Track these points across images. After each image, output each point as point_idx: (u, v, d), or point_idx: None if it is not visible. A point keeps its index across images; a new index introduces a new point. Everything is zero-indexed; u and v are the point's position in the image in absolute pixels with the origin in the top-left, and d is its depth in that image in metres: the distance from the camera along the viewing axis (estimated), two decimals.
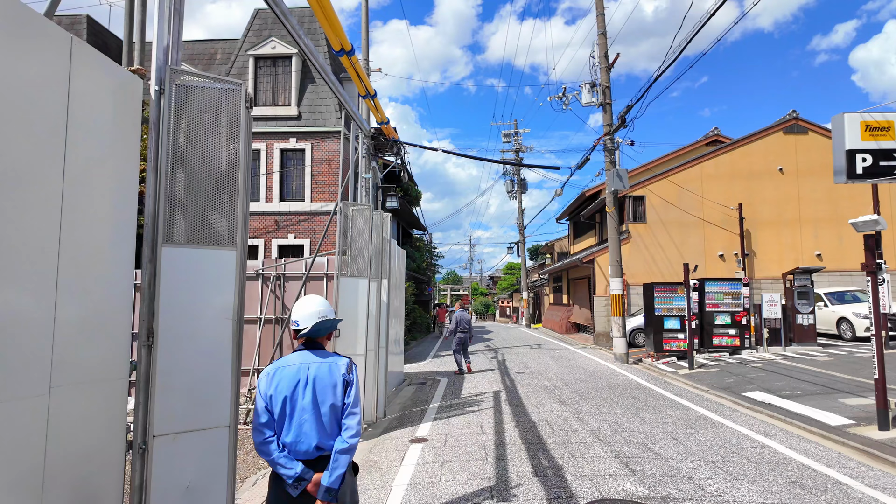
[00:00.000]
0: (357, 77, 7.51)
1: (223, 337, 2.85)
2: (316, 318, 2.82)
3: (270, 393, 2.65)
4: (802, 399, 7.91)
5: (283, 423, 2.63)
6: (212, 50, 19.16)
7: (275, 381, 2.68)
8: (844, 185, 18.39)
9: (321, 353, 2.79)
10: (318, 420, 2.64)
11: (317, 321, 2.80)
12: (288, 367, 2.72)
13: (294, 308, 2.91)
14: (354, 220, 6.85)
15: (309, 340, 2.81)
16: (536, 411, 7.61)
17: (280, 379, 2.68)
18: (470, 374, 12.08)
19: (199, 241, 2.84)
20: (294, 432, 2.62)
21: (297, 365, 2.73)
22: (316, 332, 2.81)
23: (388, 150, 14.39)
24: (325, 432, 2.65)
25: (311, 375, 2.69)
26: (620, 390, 9.36)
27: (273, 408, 2.64)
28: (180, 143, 2.85)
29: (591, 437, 6.09)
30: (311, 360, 2.74)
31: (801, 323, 13.08)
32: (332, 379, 2.70)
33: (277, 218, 15.56)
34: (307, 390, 2.67)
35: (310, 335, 2.79)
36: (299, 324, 2.82)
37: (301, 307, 2.86)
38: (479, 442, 6.04)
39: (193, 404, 2.73)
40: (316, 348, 2.82)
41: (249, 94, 3.11)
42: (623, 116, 12.55)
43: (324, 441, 2.64)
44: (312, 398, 2.66)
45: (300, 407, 2.64)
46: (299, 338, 2.83)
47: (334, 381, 2.70)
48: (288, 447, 2.62)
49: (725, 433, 6.27)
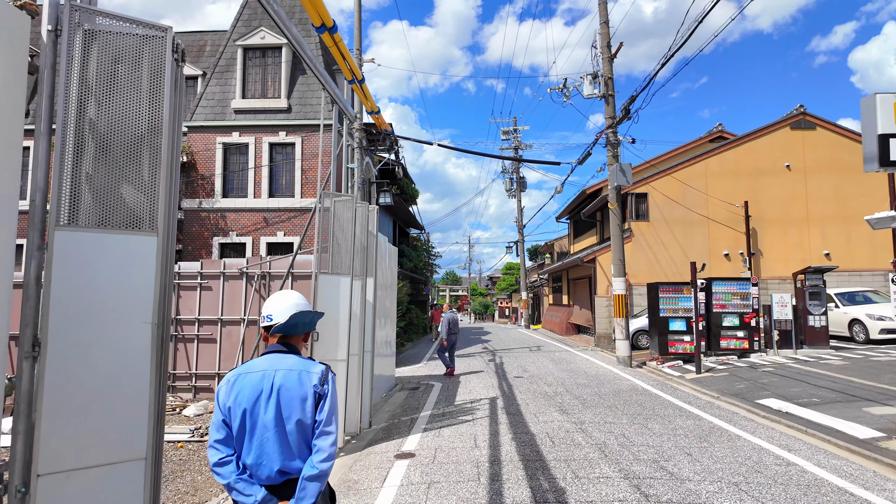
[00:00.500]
0: (341, 57, 6.91)
1: (139, 345, 2.26)
2: (293, 309, 2.33)
3: (229, 404, 2.16)
4: (822, 407, 7.32)
5: (242, 440, 2.15)
6: (201, 42, 18.57)
7: (235, 389, 2.18)
8: (853, 182, 17.96)
9: (293, 358, 2.28)
10: (283, 439, 2.15)
11: (294, 312, 2.30)
12: (251, 374, 2.21)
13: (267, 302, 2.41)
14: (336, 212, 6.26)
15: (282, 340, 2.32)
16: (535, 421, 7.00)
17: (241, 388, 2.18)
18: (453, 377, 11.58)
19: (108, 225, 2.24)
20: (255, 452, 2.14)
21: (262, 372, 2.21)
22: (292, 328, 2.32)
23: (380, 143, 13.81)
24: (290, 453, 2.15)
25: (276, 385, 2.18)
26: (625, 397, 8.76)
27: (232, 422, 2.16)
28: (85, 101, 2.25)
29: (596, 453, 5.49)
30: (278, 365, 2.23)
31: (813, 325, 12.49)
32: (302, 390, 2.19)
33: (266, 214, 14.95)
34: (270, 403, 2.16)
35: (284, 331, 2.31)
36: (273, 317, 2.33)
37: (276, 300, 2.39)
38: (471, 458, 5.43)
39: (96, 432, 2.13)
40: (289, 351, 2.31)
41: (180, 43, 2.51)
42: (627, 108, 11.96)
43: (288, 464, 2.15)
44: (276, 412, 2.15)
45: (261, 423, 2.14)
46: (272, 334, 2.33)
47: (304, 392, 2.19)
48: (249, 469, 2.14)
49: (744, 447, 5.67)
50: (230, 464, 2.13)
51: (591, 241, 23.54)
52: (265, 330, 2.38)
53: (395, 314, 11.17)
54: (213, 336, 10.63)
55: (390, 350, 10.57)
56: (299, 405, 2.18)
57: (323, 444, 2.17)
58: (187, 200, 15.23)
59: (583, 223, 24.53)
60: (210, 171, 15.18)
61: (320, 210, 6.16)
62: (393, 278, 10.88)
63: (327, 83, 5.85)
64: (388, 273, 10.10)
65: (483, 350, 17.71)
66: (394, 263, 10.84)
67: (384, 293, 9.61)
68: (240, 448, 2.16)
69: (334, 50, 6.74)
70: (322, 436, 2.18)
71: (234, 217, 14.99)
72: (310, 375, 2.24)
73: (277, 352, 2.31)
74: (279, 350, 2.31)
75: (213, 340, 10.63)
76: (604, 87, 13.41)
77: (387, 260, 9.73)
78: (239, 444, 2.16)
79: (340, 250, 6.15)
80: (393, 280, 10.89)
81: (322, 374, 2.27)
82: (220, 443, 2.15)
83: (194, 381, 10.56)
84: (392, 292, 10.73)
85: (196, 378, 10.57)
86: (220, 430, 2.16)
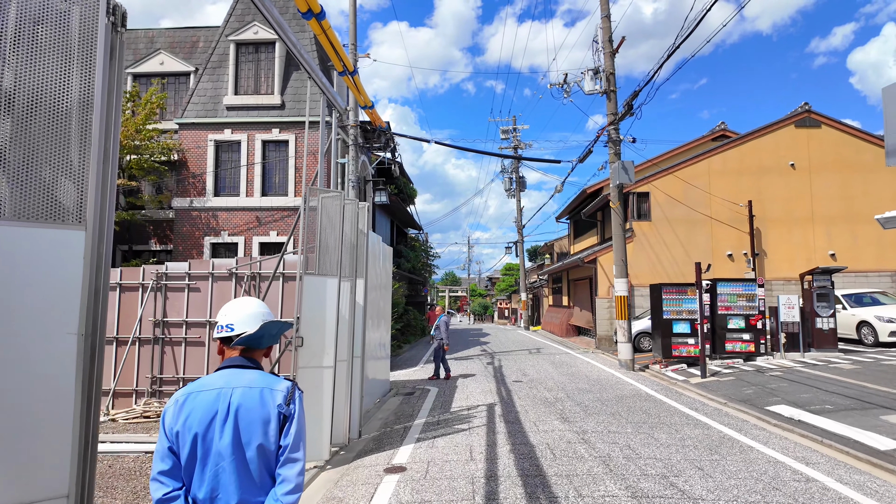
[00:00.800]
0: (330, 46, 6.54)
1: (62, 360, 1.89)
2: (260, 319, 2.00)
3: (177, 429, 1.82)
4: (836, 415, 6.96)
5: (193, 471, 1.81)
6: (194, 38, 18.19)
7: (184, 411, 1.84)
8: (859, 181, 17.59)
9: (254, 374, 1.94)
10: (242, 468, 1.81)
11: (262, 323, 1.98)
12: (204, 393, 1.87)
13: (224, 310, 2.06)
14: (324, 209, 5.89)
15: (243, 353, 1.99)
16: (535, 430, 6.63)
17: (192, 409, 1.84)
18: (450, 381, 11.24)
19: (26, 216, 1.87)
20: (208, 485, 1.80)
21: (217, 390, 1.87)
22: (257, 340, 1.99)
23: (376, 140, 13.43)
24: (250, 485, 1.82)
25: (233, 405, 1.84)
26: (629, 403, 8.39)
27: (180, 450, 1.82)
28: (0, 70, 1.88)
29: (599, 467, 5.12)
30: (236, 382, 1.89)
31: (821, 327, 12.12)
32: (264, 411, 1.86)
33: (259, 214, 14.57)
34: (227, 426, 1.82)
35: (249, 343, 1.97)
36: (234, 327, 1.99)
37: (236, 308, 2.04)
38: (466, 473, 5.06)
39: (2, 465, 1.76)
40: (249, 366, 1.96)
41: (119, 4, 2.14)
42: (630, 103, 11.59)
43: (249, 497, 1.82)
44: (234, 437, 1.82)
45: (216, 450, 1.81)
46: (233, 346, 1.99)
47: (266, 413, 1.87)
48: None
49: (758, 461, 5.30)
50: (178, 500, 1.78)
51: (592, 241, 23.18)
52: (221, 342, 2.02)
53: (389, 316, 10.80)
54: (201, 339, 10.26)
55: (384, 353, 10.19)
56: (261, 428, 1.85)
57: (288, 474, 1.84)
58: (178, 199, 14.85)
59: (583, 223, 24.17)
60: (201, 169, 14.80)
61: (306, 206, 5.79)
62: (388, 279, 10.51)
63: (312, 70, 5.48)
64: (382, 274, 9.73)
65: (481, 352, 17.33)
66: (388, 264, 10.47)
67: (378, 294, 9.24)
68: (189, 480, 1.81)
69: (322, 38, 6.37)
70: (287, 464, 1.85)
71: (226, 216, 14.62)
72: (273, 394, 1.90)
73: (236, 366, 1.96)
74: (238, 364, 1.96)
75: (201, 343, 10.26)
76: (605, 83, 13.04)
77: (380, 260, 9.36)
78: (188, 476, 1.81)
79: (328, 250, 5.78)
80: (388, 281, 10.52)
81: (287, 391, 1.94)
82: (164, 475, 1.80)
83: (182, 385, 10.19)
84: (387, 293, 10.35)
85: (184, 382, 10.19)
86: (165, 460, 1.81)
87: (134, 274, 10.53)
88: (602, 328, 17.52)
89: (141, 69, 16.79)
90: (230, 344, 1.99)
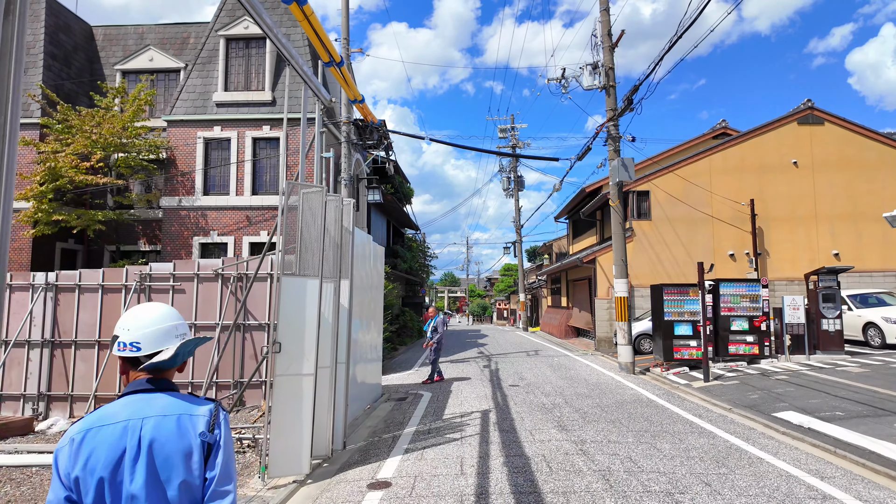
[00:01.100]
0: (313, 33, 6.17)
1: None
2: (173, 337, 1.67)
3: (76, 474, 1.49)
4: (848, 423, 6.60)
5: None
6: (185, 34, 17.82)
7: (83, 452, 1.48)
8: (863, 179, 17.22)
9: (165, 399, 1.59)
10: None
11: (178, 344, 1.65)
12: (107, 429, 1.51)
13: (126, 322, 1.67)
14: (305, 205, 5.53)
15: (153, 374, 1.62)
16: (531, 440, 6.26)
17: (93, 448, 1.48)
18: (444, 384, 10.89)
19: None
20: None
21: (123, 423, 1.52)
22: (170, 363, 1.64)
23: (369, 136, 13.07)
24: None
25: (145, 440, 1.50)
26: (629, 409, 8.03)
27: (81, 498, 1.48)
28: None
29: (599, 483, 4.75)
30: (146, 411, 1.54)
31: (827, 329, 11.76)
32: (183, 442, 1.55)
33: (249, 213, 14.19)
34: (139, 466, 1.48)
35: (162, 366, 1.63)
36: (141, 346, 1.63)
37: (142, 320, 1.66)
38: (455, 489, 4.69)
39: None
40: (162, 388, 1.62)
41: None
42: (630, 97, 11.23)
43: None
44: (149, 478, 1.48)
45: (128, 495, 1.47)
46: (141, 370, 1.63)
47: (186, 445, 1.55)
48: None
49: (769, 475, 4.94)
50: None
51: (591, 241, 22.82)
52: (125, 362, 1.65)
53: (381, 318, 10.43)
54: None
55: (376, 356, 9.83)
56: (182, 463, 1.52)
57: None
58: (166, 198, 14.48)
59: (582, 223, 23.82)
60: (190, 167, 14.43)
61: (286, 202, 5.43)
62: (379, 280, 10.14)
63: (291, 56, 5.12)
64: (373, 274, 9.37)
65: (478, 355, 16.97)
66: (380, 264, 10.10)
67: (368, 296, 8.87)
68: None
69: (305, 24, 6.00)
70: (217, 499, 1.54)
71: (216, 216, 14.24)
72: (194, 420, 1.57)
73: (143, 391, 1.59)
74: (147, 389, 1.60)
75: None
76: (604, 78, 12.68)
77: (370, 260, 8.99)
78: None
79: (308, 248, 5.41)
80: (379, 282, 10.16)
81: (210, 416, 1.60)
82: None
83: None
84: (378, 294, 9.99)
85: None
86: None
87: (116, 275, 10.17)
88: (601, 329, 17.16)
89: (129, 65, 16.42)
90: (137, 366, 1.63)
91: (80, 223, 13.01)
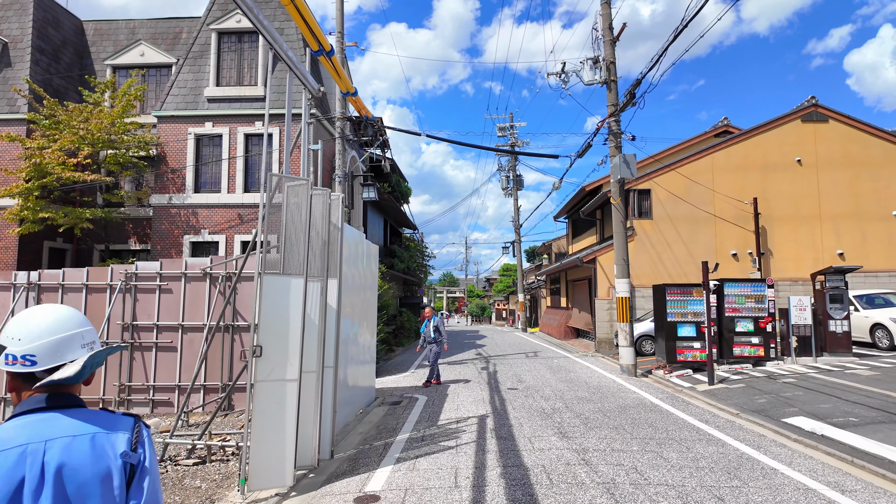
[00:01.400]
0: (300, 18, 5.85)
1: None
2: (79, 347, 1.34)
3: None
4: (863, 429, 6.28)
5: None
6: (177, 29, 17.48)
7: None
8: (868, 178, 16.89)
9: (75, 416, 1.30)
10: None
11: (87, 356, 1.31)
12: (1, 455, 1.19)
13: (15, 329, 1.33)
14: (290, 200, 5.19)
15: (54, 391, 1.32)
16: (530, 449, 5.93)
17: None
18: (441, 387, 10.57)
19: None
20: None
21: (21, 448, 1.23)
22: (76, 378, 1.30)
23: (364, 132, 12.73)
24: None
25: (50, 466, 1.22)
26: (633, 414, 7.70)
27: None
28: None
29: (603, 497, 4.42)
30: (50, 432, 1.25)
31: (834, 330, 11.45)
32: (101, 464, 1.28)
33: (241, 211, 13.85)
34: (44, 497, 1.19)
35: (67, 381, 1.30)
36: (37, 359, 1.31)
37: (37, 327, 1.33)
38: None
39: None
40: (66, 405, 1.32)
41: None
42: (632, 91, 10.91)
43: None
44: None
45: None
46: (38, 387, 1.30)
47: (105, 467, 1.28)
48: None
49: (785, 487, 4.61)
50: None
51: (591, 240, 22.49)
52: (15, 378, 1.31)
53: (375, 319, 10.10)
54: (173, 344, 9.57)
55: (369, 358, 9.49)
56: (100, 489, 1.24)
57: None
58: (156, 196, 14.13)
59: (582, 222, 23.49)
60: (181, 163, 14.08)
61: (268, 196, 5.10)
62: (373, 279, 9.81)
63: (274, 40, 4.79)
64: (367, 273, 9.03)
65: (476, 356, 16.63)
66: (374, 263, 9.77)
67: (361, 296, 8.54)
68: None
69: (290, 8, 5.69)
70: None
71: (207, 213, 13.90)
72: (111, 438, 1.29)
73: (42, 409, 1.26)
74: (45, 407, 1.27)
75: (173, 349, 9.57)
76: (605, 73, 12.36)
77: (364, 259, 8.66)
78: None
79: (292, 245, 5.08)
80: (373, 281, 9.82)
81: (132, 432, 1.33)
82: None
83: (152, 393, 9.51)
84: (371, 294, 9.66)
85: (154, 391, 9.52)
86: None
87: (101, 274, 9.83)
88: (602, 330, 16.83)
89: (120, 61, 16.07)
90: (33, 383, 1.29)
91: (67, 221, 12.66)
